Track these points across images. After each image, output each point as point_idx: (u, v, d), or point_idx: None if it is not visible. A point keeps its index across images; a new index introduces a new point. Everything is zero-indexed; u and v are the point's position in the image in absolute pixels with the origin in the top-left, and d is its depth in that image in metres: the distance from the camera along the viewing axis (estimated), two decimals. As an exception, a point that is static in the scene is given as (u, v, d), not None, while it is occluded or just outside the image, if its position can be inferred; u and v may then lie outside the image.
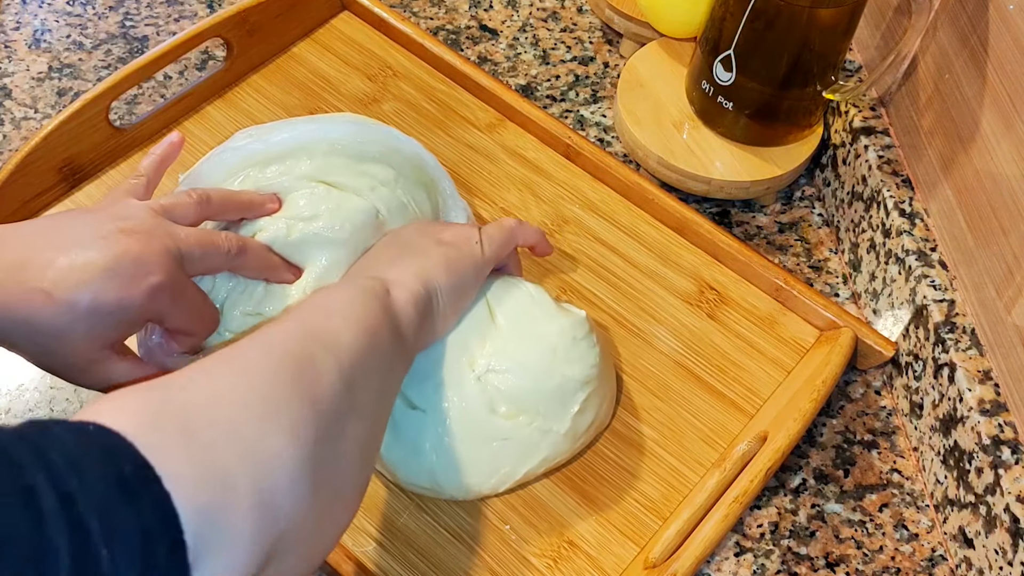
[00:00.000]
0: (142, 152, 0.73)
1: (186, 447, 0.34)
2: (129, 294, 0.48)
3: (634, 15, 0.80)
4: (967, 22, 0.63)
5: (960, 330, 0.61)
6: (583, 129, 0.79)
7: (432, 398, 0.56)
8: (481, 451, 0.56)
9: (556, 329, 0.58)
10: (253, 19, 0.76)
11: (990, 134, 0.61)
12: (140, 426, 0.34)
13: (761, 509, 0.62)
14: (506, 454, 0.57)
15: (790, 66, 0.69)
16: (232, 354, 0.41)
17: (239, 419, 0.37)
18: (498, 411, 0.56)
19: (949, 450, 0.60)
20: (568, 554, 0.58)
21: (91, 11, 0.83)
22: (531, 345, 0.57)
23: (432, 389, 0.56)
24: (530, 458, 0.57)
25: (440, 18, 0.85)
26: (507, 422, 0.56)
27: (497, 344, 0.57)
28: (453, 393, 0.56)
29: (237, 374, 0.40)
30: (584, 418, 0.58)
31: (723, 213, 0.75)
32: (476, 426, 0.56)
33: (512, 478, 0.57)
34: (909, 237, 0.66)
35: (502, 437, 0.56)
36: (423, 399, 0.56)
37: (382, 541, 0.58)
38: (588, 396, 0.58)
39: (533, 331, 0.58)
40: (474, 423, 0.56)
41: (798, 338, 0.68)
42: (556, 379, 0.57)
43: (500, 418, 0.56)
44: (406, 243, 0.57)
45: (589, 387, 0.58)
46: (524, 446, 0.57)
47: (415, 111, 0.77)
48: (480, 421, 0.56)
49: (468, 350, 0.57)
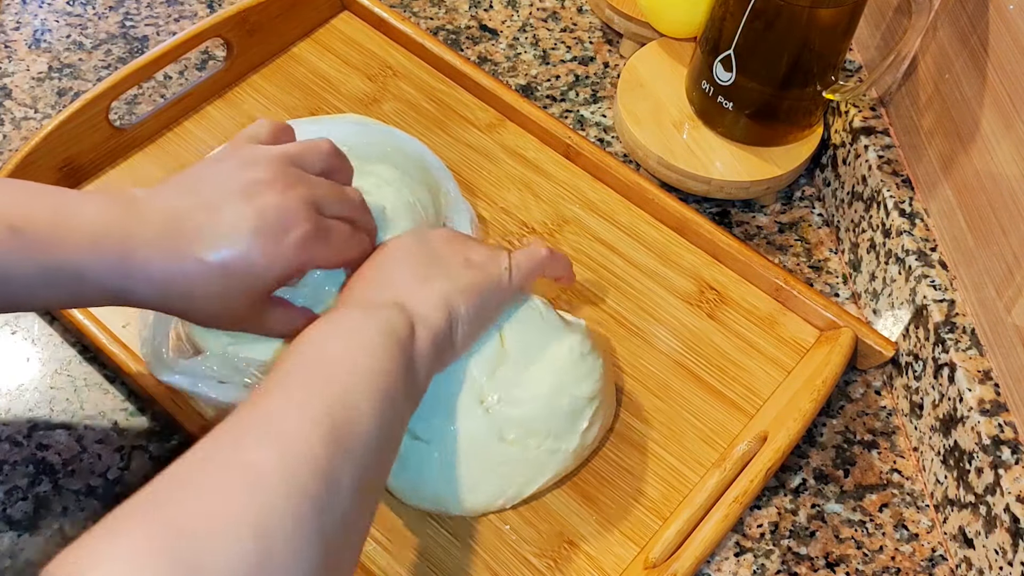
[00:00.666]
0: (142, 152, 0.73)
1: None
2: (278, 248, 0.49)
3: (634, 15, 0.80)
4: (967, 22, 0.63)
5: (960, 330, 0.61)
6: (583, 129, 0.79)
7: (439, 431, 0.55)
8: (488, 476, 0.56)
9: (565, 350, 0.57)
10: (253, 19, 0.76)
11: (990, 134, 0.61)
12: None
13: (761, 509, 0.62)
14: (514, 477, 0.56)
15: (790, 66, 0.69)
16: (243, 459, 0.37)
17: (250, 562, 0.34)
18: (507, 438, 0.55)
19: (949, 450, 0.60)
20: (568, 554, 0.58)
21: (91, 11, 0.83)
22: (541, 373, 0.56)
23: (439, 423, 0.55)
24: (539, 478, 0.57)
25: (440, 18, 0.85)
26: (515, 448, 0.56)
27: (507, 374, 0.56)
28: (461, 425, 0.55)
29: (250, 494, 0.35)
30: (591, 432, 0.58)
31: (723, 213, 0.75)
32: (484, 453, 0.55)
33: (520, 497, 0.57)
34: (909, 237, 0.66)
35: (510, 461, 0.56)
36: (429, 432, 0.55)
37: (382, 541, 0.58)
38: (595, 410, 0.57)
39: (542, 356, 0.56)
40: (482, 451, 0.55)
41: (798, 338, 0.68)
42: (565, 400, 0.56)
43: (508, 445, 0.56)
44: (433, 257, 0.55)
45: (596, 402, 0.57)
46: (533, 467, 0.56)
47: (415, 111, 0.77)
48: (488, 449, 0.55)
49: (476, 381, 0.55)
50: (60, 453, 0.60)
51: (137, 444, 0.61)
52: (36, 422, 0.61)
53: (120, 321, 0.64)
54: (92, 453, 0.61)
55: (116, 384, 0.63)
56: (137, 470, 0.60)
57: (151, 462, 0.60)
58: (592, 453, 0.61)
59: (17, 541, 0.57)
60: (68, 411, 0.62)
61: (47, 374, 0.63)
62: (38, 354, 0.64)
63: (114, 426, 0.62)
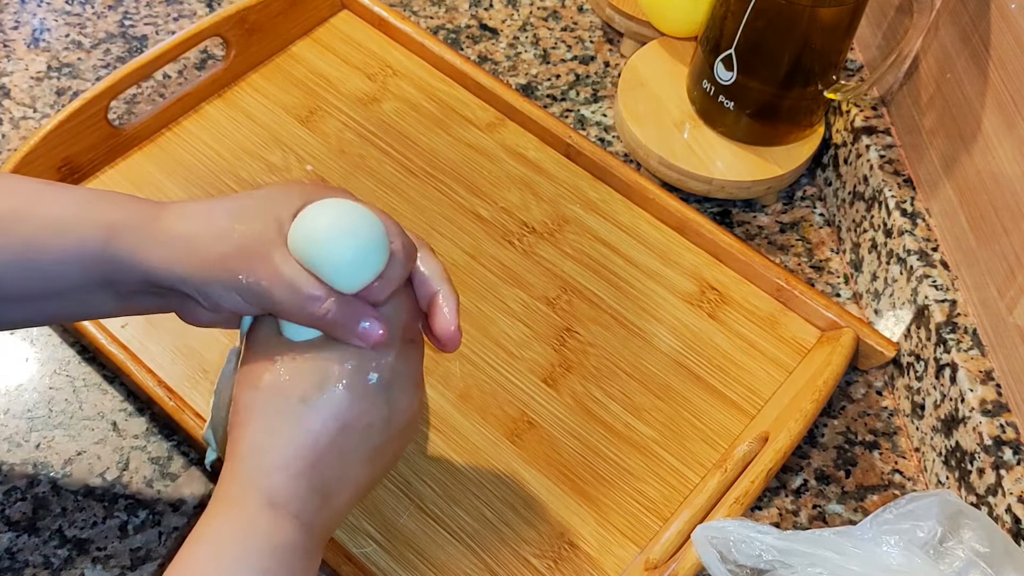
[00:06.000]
0: (141, 151, 0.73)
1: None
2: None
3: (635, 14, 0.80)
4: (969, 21, 0.63)
5: (962, 330, 0.61)
6: (583, 129, 0.79)
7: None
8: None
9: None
10: (253, 18, 0.75)
11: (992, 134, 0.60)
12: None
13: (762, 510, 0.62)
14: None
15: (791, 65, 0.69)
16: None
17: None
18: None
19: (951, 451, 0.60)
20: (568, 554, 0.58)
21: (90, 10, 0.82)
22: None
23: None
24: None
25: (440, 17, 0.85)
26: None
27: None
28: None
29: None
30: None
31: (724, 213, 0.75)
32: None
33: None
34: (911, 237, 0.66)
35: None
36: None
37: (382, 541, 0.58)
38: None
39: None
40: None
41: (799, 338, 0.67)
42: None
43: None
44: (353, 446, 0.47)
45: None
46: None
47: (415, 111, 0.77)
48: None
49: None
50: (59, 453, 0.60)
51: (136, 444, 0.61)
52: (35, 422, 0.61)
53: (119, 321, 0.63)
54: (91, 453, 0.60)
55: (115, 384, 0.63)
56: (136, 470, 0.60)
57: (150, 462, 0.60)
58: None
59: (16, 541, 0.57)
60: (67, 411, 0.62)
61: (46, 374, 0.63)
62: (37, 354, 0.64)
63: (113, 426, 0.62)
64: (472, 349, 0.65)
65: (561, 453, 0.62)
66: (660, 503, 0.60)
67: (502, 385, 0.64)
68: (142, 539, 0.58)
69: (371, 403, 0.46)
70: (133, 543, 0.57)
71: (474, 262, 0.69)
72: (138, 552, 0.57)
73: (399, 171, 0.73)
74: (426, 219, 0.71)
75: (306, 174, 0.72)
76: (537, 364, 0.65)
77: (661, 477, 0.61)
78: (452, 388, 0.64)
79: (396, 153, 0.74)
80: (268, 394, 0.46)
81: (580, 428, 0.63)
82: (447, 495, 0.60)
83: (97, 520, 0.58)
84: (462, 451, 0.61)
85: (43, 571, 0.56)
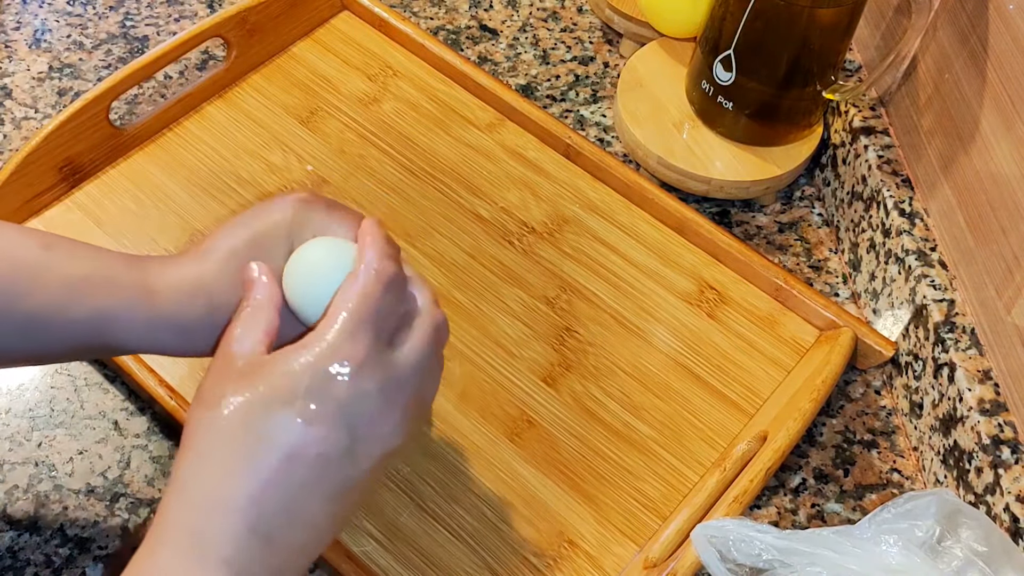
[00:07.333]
0: (142, 152, 0.73)
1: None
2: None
3: (634, 15, 0.80)
4: (967, 22, 0.63)
5: (960, 330, 0.61)
6: (583, 129, 0.79)
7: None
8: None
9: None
10: (253, 19, 0.76)
11: (990, 134, 0.61)
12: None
13: (761, 509, 0.62)
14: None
15: (790, 66, 0.69)
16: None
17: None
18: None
19: (949, 450, 0.60)
20: (568, 554, 0.58)
21: (91, 11, 0.83)
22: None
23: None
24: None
25: (440, 18, 0.85)
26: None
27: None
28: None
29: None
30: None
31: (723, 213, 0.75)
32: None
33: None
34: (909, 237, 0.66)
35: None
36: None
37: (382, 541, 0.58)
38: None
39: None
40: None
41: (798, 338, 0.68)
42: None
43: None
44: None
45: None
46: None
47: (415, 111, 0.77)
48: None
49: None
50: (60, 452, 0.60)
51: (138, 443, 0.61)
52: (36, 421, 0.61)
53: (120, 321, 0.64)
54: (92, 452, 0.61)
55: (116, 384, 0.63)
56: (137, 470, 0.60)
57: (151, 462, 0.61)
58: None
59: (17, 540, 0.57)
60: (68, 410, 0.62)
61: (47, 373, 0.63)
62: (38, 354, 0.64)
63: (115, 425, 0.62)
64: (472, 349, 0.65)
65: (560, 452, 0.62)
66: (659, 502, 0.60)
67: (502, 384, 0.64)
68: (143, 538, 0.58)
69: (325, 430, 0.40)
70: (134, 542, 0.58)
71: (474, 262, 0.69)
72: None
73: (399, 171, 0.73)
74: (426, 219, 0.71)
75: (307, 174, 0.72)
76: (537, 363, 0.65)
77: (660, 476, 0.62)
78: (452, 388, 0.64)
79: (396, 153, 0.74)
80: (211, 414, 0.41)
81: (579, 427, 0.63)
82: (447, 494, 0.60)
83: (99, 519, 0.58)
84: (462, 450, 0.61)
85: (45, 570, 0.56)
